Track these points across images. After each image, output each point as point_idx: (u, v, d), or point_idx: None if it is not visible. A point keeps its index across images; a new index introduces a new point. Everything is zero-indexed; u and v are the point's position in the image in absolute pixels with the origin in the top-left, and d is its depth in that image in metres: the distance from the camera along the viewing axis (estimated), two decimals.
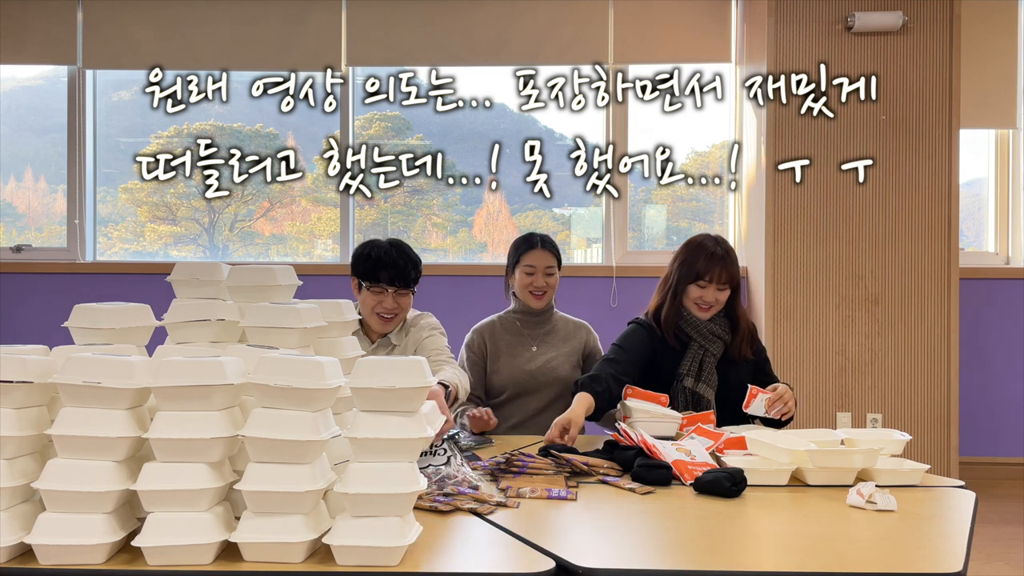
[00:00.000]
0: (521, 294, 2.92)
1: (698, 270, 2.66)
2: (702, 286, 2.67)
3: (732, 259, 2.69)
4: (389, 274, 2.65)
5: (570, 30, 4.60)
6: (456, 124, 4.92)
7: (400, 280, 2.66)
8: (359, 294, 2.73)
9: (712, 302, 2.67)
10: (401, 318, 2.75)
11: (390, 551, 1.39)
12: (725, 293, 2.68)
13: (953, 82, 4.14)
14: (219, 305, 1.76)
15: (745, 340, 2.71)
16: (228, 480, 1.46)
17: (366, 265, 2.68)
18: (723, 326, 2.70)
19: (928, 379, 4.16)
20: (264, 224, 4.99)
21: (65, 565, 1.37)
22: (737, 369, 2.70)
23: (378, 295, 2.67)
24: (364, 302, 2.70)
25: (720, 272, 2.65)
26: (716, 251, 2.67)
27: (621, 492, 1.92)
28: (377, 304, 2.67)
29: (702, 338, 2.67)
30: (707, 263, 2.65)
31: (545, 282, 2.88)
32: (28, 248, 4.78)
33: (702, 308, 2.68)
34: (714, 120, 4.80)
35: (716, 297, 2.67)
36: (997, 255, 4.76)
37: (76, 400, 1.42)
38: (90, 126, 4.78)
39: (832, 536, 1.60)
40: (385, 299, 2.67)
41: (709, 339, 2.67)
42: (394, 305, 2.68)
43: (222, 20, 4.65)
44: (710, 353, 2.67)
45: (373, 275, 2.66)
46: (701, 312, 2.68)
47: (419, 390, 1.46)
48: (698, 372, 2.65)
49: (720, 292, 2.67)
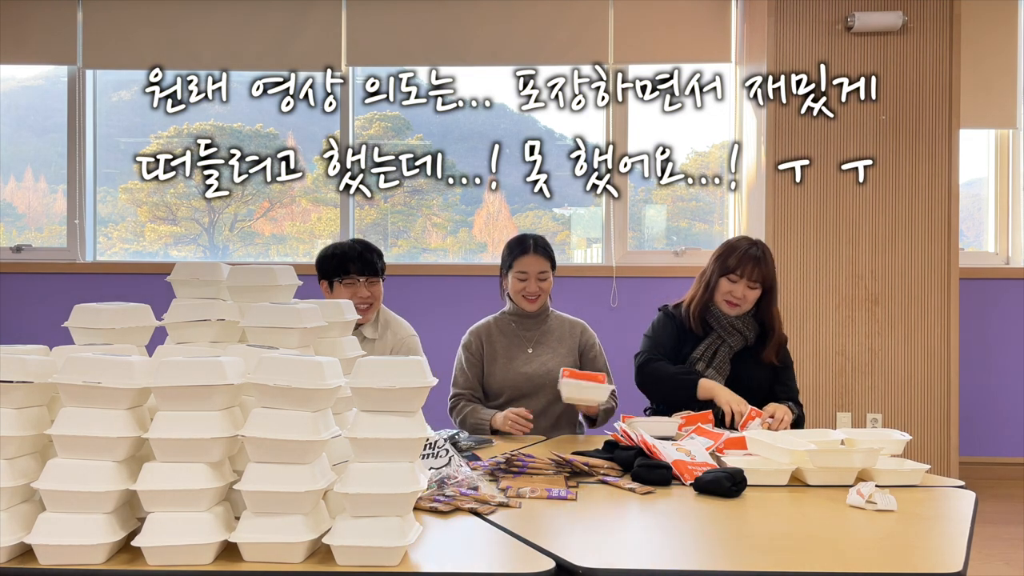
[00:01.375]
0: (515, 298, 2.92)
1: (730, 264, 2.75)
2: (733, 280, 2.74)
3: (767, 261, 2.77)
4: (358, 265, 2.81)
5: (570, 30, 4.60)
6: (456, 124, 4.92)
7: (369, 269, 2.82)
8: (331, 295, 2.85)
9: (740, 298, 2.74)
10: (376, 307, 2.87)
11: (390, 551, 1.39)
12: (755, 292, 2.75)
13: (953, 82, 4.14)
14: (219, 305, 1.76)
15: (774, 345, 2.77)
16: (228, 480, 1.46)
17: (333, 263, 2.84)
18: (747, 324, 2.76)
19: (928, 379, 4.16)
20: (264, 224, 4.99)
21: (65, 565, 1.37)
22: (757, 370, 2.76)
23: (351, 287, 2.81)
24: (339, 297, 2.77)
25: (752, 269, 2.73)
26: (751, 250, 2.76)
27: (621, 492, 1.92)
28: (352, 295, 2.79)
29: (722, 329, 2.75)
30: (740, 258, 2.74)
31: (538, 287, 2.88)
32: (28, 248, 4.78)
33: (731, 304, 2.75)
34: (714, 120, 4.80)
35: (745, 294, 2.74)
36: (997, 255, 4.76)
37: (76, 400, 1.42)
38: (90, 126, 4.78)
39: (832, 536, 1.60)
40: (359, 289, 2.81)
41: (729, 331, 2.75)
42: (368, 294, 2.82)
43: (222, 20, 4.65)
44: (727, 344, 2.74)
45: (343, 269, 2.82)
46: (730, 308, 2.75)
47: (419, 390, 1.46)
48: (711, 359, 2.73)
49: (750, 290, 2.74)
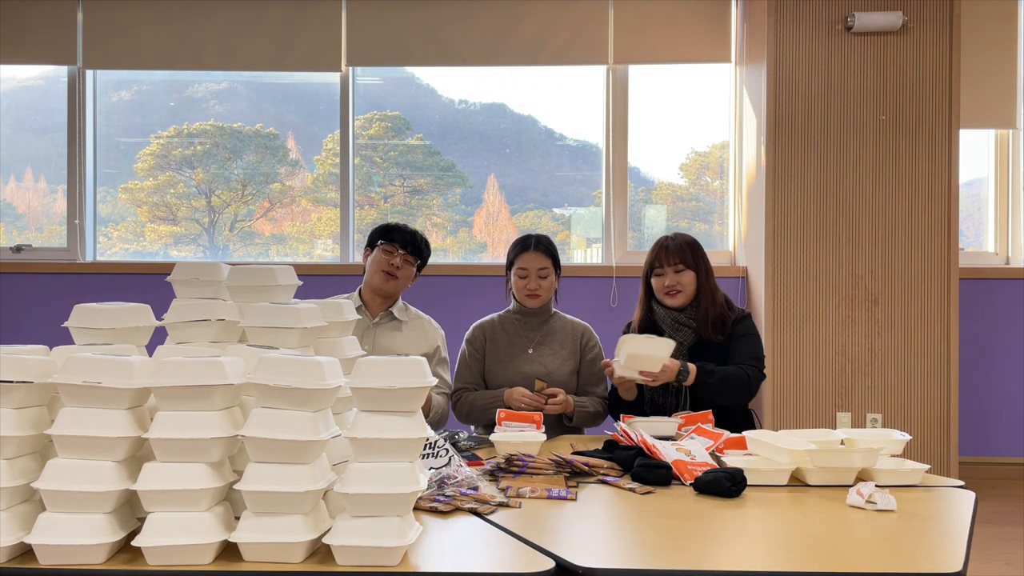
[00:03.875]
0: (517, 295, 2.94)
1: (650, 262, 2.81)
2: (660, 274, 2.78)
3: (680, 243, 2.79)
4: (403, 237, 2.92)
5: (570, 30, 4.60)
6: (456, 124, 4.92)
7: (411, 245, 2.92)
8: (369, 258, 2.94)
9: (674, 285, 2.76)
10: (401, 284, 2.92)
11: (390, 551, 1.39)
12: (685, 275, 2.76)
13: (953, 82, 4.14)
14: (219, 305, 1.76)
15: (709, 322, 2.75)
16: (228, 480, 1.46)
17: (384, 229, 2.95)
18: (690, 314, 2.78)
19: (928, 379, 4.16)
20: (264, 224, 4.99)
21: (65, 565, 1.37)
22: (713, 353, 2.75)
23: (389, 253, 2.89)
24: (375, 260, 2.90)
25: (667, 255, 2.76)
26: (663, 241, 2.81)
27: (621, 492, 1.92)
28: (385, 261, 2.88)
29: (669, 328, 2.78)
30: (656, 252, 2.81)
31: (538, 284, 2.89)
32: (28, 248, 4.78)
33: (670, 295, 2.77)
34: (714, 120, 4.81)
35: (677, 280, 2.76)
36: (997, 255, 4.76)
37: (76, 400, 1.42)
38: (90, 126, 4.78)
39: (832, 536, 1.60)
40: (394, 258, 2.88)
41: (676, 328, 2.77)
42: (399, 265, 2.88)
43: (222, 20, 4.65)
44: (679, 342, 2.73)
45: (388, 235, 2.92)
46: (671, 299, 2.78)
47: (419, 390, 1.46)
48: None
49: (679, 275, 2.76)
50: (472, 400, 2.85)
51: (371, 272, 2.92)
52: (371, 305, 2.94)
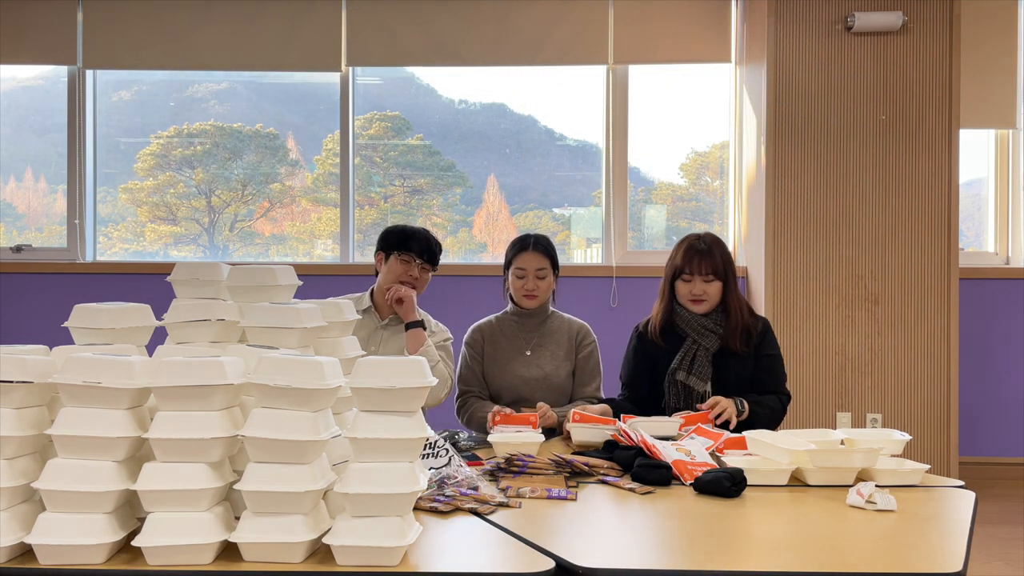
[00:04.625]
0: (515, 296, 2.94)
1: (678, 265, 2.74)
2: (687, 280, 2.73)
3: (715, 252, 2.73)
4: (419, 246, 2.90)
5: (570, 30, 4.60)
6: (456, 124, 4.92)
7: (428, 254, 2.91)
8: (384, 265, 2.92)
9: (701, 294, 2.72)
10: (419, 292, 2.91)
11: (390, 551, 1.39)
12: (713, 285, 2.72)
13: (953, 82, 4.14)
14: (219, 305, 1.76)
15: (737, 333, 2.72)
16: (228, 480, 1.46)
17: (399, 236, 2.92)
18: (717, 320, 2.74)
19: (928, 379, 4.16)
20: (264, 224, 4.99)
21: (65, 565, 1.37)
22: (739, 367, 2.72)
23: (406, 263, 2.89)
24: (391, 269, 2.88)
25: (699, 264, 2.71)
26: (696, 245, 2.74)
27: (621, 492, 1.92)
28: (403, 272, 2.88)
29: (695, 332, 2.73)
30: (686, 257, 2.73)
31: (536, 284, 2.89)
32: (28, 248, 4.78)
33: (694, 302, 2.74)
34: (714, 120, 4.81)
35: (704, 289, 2.72)
36: (997, 255, 4.76)
37: (76, 400, 1.42)
38: (90, 126, 4.78)
39: (832, 536, 1.60)
40: (412, 268, 2.89)
41: (701, 333, 2.72)
42: (417, 276, 2.89)
43: (222, 20, 4.65)
44: (703, 347, 2.71)
45: (404, 244, 2.90)
46: (695, 306, 2.74)
47: (419, 390, 1.46)
48: (690, 365, 2.70)
49: (707, 284, 2.72)
50: (474, 409, 2.86)
51: (388, 281, 2.89)
52: (381, 307, 2.93)
